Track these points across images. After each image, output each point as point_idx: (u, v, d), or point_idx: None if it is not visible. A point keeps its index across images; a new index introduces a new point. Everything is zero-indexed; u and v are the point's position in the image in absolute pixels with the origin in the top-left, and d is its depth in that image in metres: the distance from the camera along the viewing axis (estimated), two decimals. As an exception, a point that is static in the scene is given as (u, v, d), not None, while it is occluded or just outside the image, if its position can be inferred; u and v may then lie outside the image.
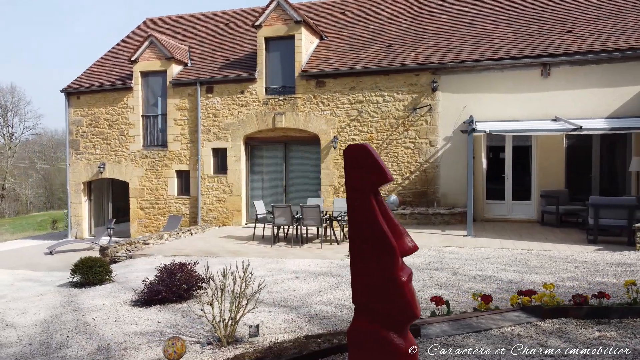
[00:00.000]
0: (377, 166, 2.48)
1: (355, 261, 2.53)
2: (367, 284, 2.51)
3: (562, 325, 3.93)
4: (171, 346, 3.92)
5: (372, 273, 2.48)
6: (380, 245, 2.47)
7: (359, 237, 2.52)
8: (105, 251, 11.50)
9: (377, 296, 2.48)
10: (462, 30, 14.97)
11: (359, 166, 2.50)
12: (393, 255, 2.47)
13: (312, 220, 11.58)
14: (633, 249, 8.79)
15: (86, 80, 17.69)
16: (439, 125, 13.80)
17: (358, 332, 2.50)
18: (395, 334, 2.48)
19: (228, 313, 5.42)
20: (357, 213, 2.51)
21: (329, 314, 6.03)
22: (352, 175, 2.53)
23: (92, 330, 6.02)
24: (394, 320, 2.48)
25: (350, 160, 2.53)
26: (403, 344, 2.47)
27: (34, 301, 7.77)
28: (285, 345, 4.21)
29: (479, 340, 3.59)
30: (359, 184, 2.51)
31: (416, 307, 2.47)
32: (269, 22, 15.23)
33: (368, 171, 2.48)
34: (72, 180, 17.41)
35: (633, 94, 12.48)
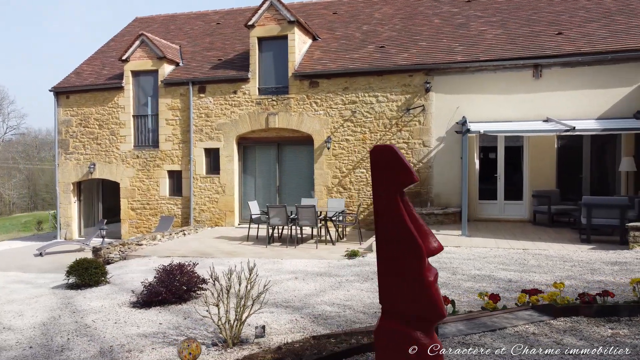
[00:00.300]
0: (403, 167, 2.49)
1: (382, 261, 2.54)
2: (394, 284, 2.52)
3: (575, 323, 3.99)
4: (186, 347, 3.89)
5: (399, 273, 2.49)
6: (407, 245, 2.48)
7: (386, 238, 2.52)
8: (99, 252, 11.37)
9: (404, 296, 2.49)
10: (454, 32, 15.08)
11: (386, 167, 2.51)
12: (420, 256, 2.48)
13: (307, 221, 11.58)
14: (626, 248, 8.92)
15: (76, 79, 17.47)
16: (432, 126, 13.88)
17: (385, 332, 2.51)
18: (422, 334, 2.49)
19: (233, 314, 5.40)
20: (384, 213, 2.52)
21: (332, 314, 6.03)
22: (379, 175, 2.54)
23: (92, 333, 5.96)
24: (421, 320, 2.50)
25: (377, 160, 2.54)
26: (430, 343, 2.49)
27: (29, 303, 7.66)
28: (296, 346, 4.20)
29: (495, 339, 3.62)
30: (386, 185, 2.51)
31: (443, 307, 2.48)
32: (262, 22, 15.19)
33: (395, 172, 2.49)
34: (62, 181, 17.18)
35: (623, 96, 12.67)
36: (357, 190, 14.42)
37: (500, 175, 13.76)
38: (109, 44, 19.74)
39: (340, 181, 14.56)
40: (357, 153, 14.42)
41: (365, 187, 14.36)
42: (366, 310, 6.10)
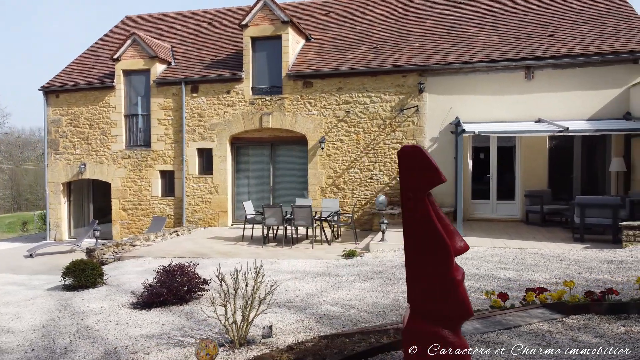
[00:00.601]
0: (431, 167, 2.51)
1: (411, 261, 2.56)
2: (423, 283, 2.55)
3: (587, 321, 4.06)
4: (204, 348, 3.88)
5: (428, 273, 2.52)
6: (436, 245, 2.51)
7: (415, 238, 2.55)
8: (92, 253, 11.25)
9: (434, 296, 2.52)
10: (447, 33, 15.19)
11: (414, 167, 2.54)
12: (448, 255, 2.51)
13: (303, 221, 11.58)
14: (619, 247, 9.07)
15: (65, 78, 17.26)
16: (425, 126, 13.97)
17: (414, 331, 2.53)
18: (451, 333, 2.52)
19: (240, 314, 5.39)
20: (412, 213, 2.54)
21: (337, 314, 6.04)
22: (407, 176, 2.56)
23: (95, 334, 5.90)
24: (450, 319, 2.53)
25: (405, 161, 2.56)
26: (458, 342, 2.52)
27: (26, 305, 7.55)
28: (308, 346, 4.21)
29: (512, 337, 3.67)
30: (414, 185, 2.54)
31: (470, 306, 2.51)
32: (255, 22, 15.16)
33: (423, 172, 2.52)
34: (51, 181, 16.96)
35: (612, 97, 12.89)
36: (351, 190, 14.46)
37: (492, 175, 13.89)
38: (98, 43, 19.53)
39: (334, 181, 14.58)
40: (351, 153, 14.45)
41: (359, 187, 14.40)
42: (370, 310, 6.12)
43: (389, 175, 14.19)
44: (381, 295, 6.74)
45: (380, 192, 14.22)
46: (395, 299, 6.55)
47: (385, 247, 10.05)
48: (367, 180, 14.35)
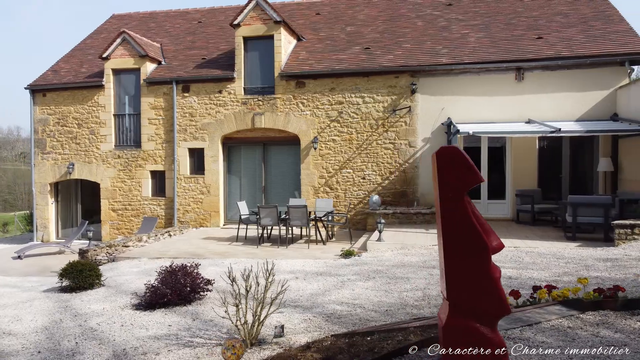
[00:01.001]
0: (470, 167, 2.57)
1: (449, 260, 2.62)
2: (462, 281, 2.60)
3: (603, 317, 4.17)
4: (230, 347, 3.88)
5: (467, 271, 2.57)
6: (474, 243, 2.56)
7: (453, 236, 2.60)
8: (86, 254, 11.12)
9: (473, 293, 2.58)
10: (437, 34, 15.35)
11: (453, 167, 2.59)
12: (486, 253, 2.57)
13: (298, 221, 11.60)
14: (612, 245, 9.28)
15: (53, 77, 17.00)
16: (417, 127, 14.10)
17: (453, 328, 2.58)
18: (489, 330, 2.58)
19: (250, 314, 5.39)
20: (452, 213, 2.59)
21: (344, 313, 6.09)
22: (446, 176, 2.61)
23: (100, 336, 5.85)
24: (488, 316, 2.58)
25: (444, 162, 2.61)
26: (497, 338, 2.58)
27: (24, 307, 7.44)
28: (326, 345, 4.23)
29: (536, 333, 3.75)
30: (453, 185, 2.59)
31: (508, 303, 2.58)
32: (247, 22, 15.12)
33: (462, 172, 2.57)
34: (38, 182, 16.69)
35: (600, 99, 13.16)
36: (344, 190, 14.52)
37: (483, 175, 14.08)
38: (85, 41, 19.27)
39: (326, 181, 14.63)
40: (343, 153, 14.51)
41: (351, 187, 14.47)
42: (376, 308, 6.17)
43: (382, 175, 14.29)
44: (385, 294, 6.80)
45: (373, 192, 14.30)
46: (400, 297, 6.62)
47: (383, 246, 10.12)
48: (360, 180, 14.42)
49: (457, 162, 2.60)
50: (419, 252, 9.56)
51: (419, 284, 7.24)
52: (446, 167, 2.62)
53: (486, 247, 2.58)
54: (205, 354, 5.04)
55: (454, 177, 2.61)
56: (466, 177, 2.59)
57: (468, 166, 2.59)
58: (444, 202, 2.62)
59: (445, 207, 2.62)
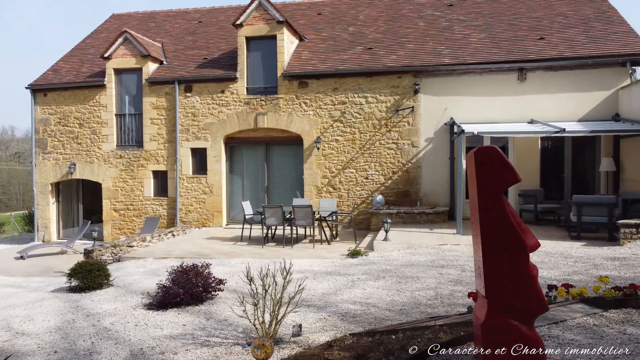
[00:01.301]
0: (508, 167, 2.61)
1: (488, 258, 2.65)
2: (501, 279, 2.64)
3: (627, 315, 4.21)
4: (260, 346, 3.90)
5: (506, 269, 2.60)
6: (513, 242, 2.60)
7: (492, 235, 2.63)
8: (91, 254, 11.09)
9: (512, 291, 2.61)
10: (439, 35, 15.41)
11: (492, 167, 2.62)
12: (525, 252, 2.60)
13: (303, 221, 11.61)
14: (617, 244, 9.35)
15: (53, 76, 16.94)
16: (420, 127, 14.15)
17: (492, 326, 2.61)
18: (527, 328, 2.62)
19: (267, 313, 5.40)
20: (490, 212, 2.63)
21: (358, 312, 6.11)
22: (485, 175, 2.64)
23: (115, 336, 5.84)
24: (527, 314, 2.62)
25: (482, 161, 2.65)
26: (534, 335, 2.61)
27: (34, 307, 7.42)
28: (347, 343, 4.25)
29: (564, 330, 3.79)
30: (491, 185, 2.63)
31: (546, 301, 2.61)
32: (250, 22, 15.12)
33: (500, 172, 2.61)
34: (39, 182, 16.62)
35: (602, 99, 13.26)
36: (347, 190, 14.55)
37: (486, 175, 14.13)
38: (85, 41, 19.21)
39: (329, 181, 14.65)
40: (346, 153, 14.54)
41: (354, 187, 14.50)
42: (390, 307, 6.20)
43: (385, 175, 14.33)
44: (397, 294, 6.83)
45: (376, 192, 14.34)
46: (412, 296, 6.65)
47: (389, 246, 10.16)
48: (363, 180, 14.46)
49: (495, 162, 2.64)
50: (426, 252, 9.60)
51: (430, 283, 7.27)
52: (485, 166, 2.65)
53: (524, 245, 2.62)
54: (223, 353, 5.05)
55: (493, 176, 2.64)
56: (504, 176, 2.62)
57: (506, 165, 2.63)
58: (483, 202, 2.65)
59: (483, 207, 2.65)
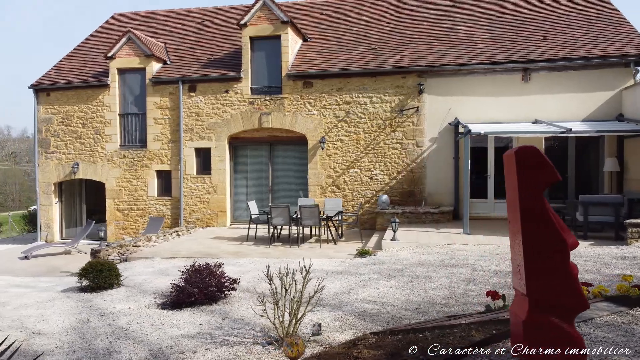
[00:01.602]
0: (549, 166, 2.64)
1: (530, 256, 2.68)
2: (542, 277, 2.67)
3: None
4: (293, 345, 3.92)
5: (547, 267, 2.63)
6: (555, 240, 2.63)
7: (534, 234, 2.66)
8: (98, 254, 11.07)
9: (554, 289, 2.64)
10: (443, 35, 15.45)
11: (532, 166, 2.66)
12: (566, 250, 2.64)
13: (310, 220, 11.63)
14: (624, 244, 9.42)
15: (56, 76, 16.89)
16: (425, 127, 14.19)
17: (534, 324, 2.64)
18: (568, 325, 2.65)
19: (287, 313, 5.41)
20: (531, 211, 2.66)
21: (374, 311, 6.13)
22: (525, 175, 2.68)
23: (132, 335, 5.85)
24: (568, 312, 2.65)
25: (523, 161, 2.68)
26: (575, 332, 2.64)
27: (46, 307, 7.41)
28: (371, 341, 4.28)
29: (594, 328, 3.83)
30: (532, 184, 2.66)
31: (586, 299, 2.65)
32: (254, 22, 15.13)
33: (541, 171, 2.64)
34: (42, 181, 16.57)
35: (605, 99, 13.33)
36: (351, 190, 14.58)
37: (490, 175, 14.20)
38: (88, 41, 19.17)
39: (334, 181, 14.68)
40: (351, 153, 14.57)
41: (359, 187, 14.53)
42: (406, 307, 6.23)
43: (389, 175, 14.36)
44: (411, 293, 6.86)
45: (381, 191, 14.37)
46: (426, 295, 6.68)
47: (398, 245, 10.19)
48: (368, 180, 14.49)
49: (536, 161, 2.67)
50: (434, 251, 9.64)
51: (442, 282, 7.30)
52: (526, 166, 2.68)
53: (565, 243, 2.65)
54: (244, 352, 5.07)
55: (534, 175, 2.67)
56: (545, 176, 2.66)
57: (547, 165, 2.66)
58: (524, 201, 2.68)
59: (524, 205, 2.68)
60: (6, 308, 7.54)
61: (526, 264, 2.66)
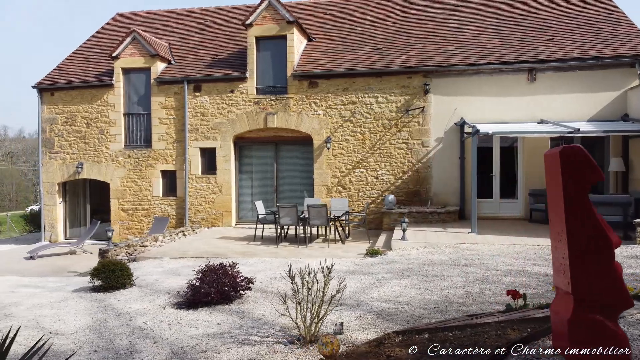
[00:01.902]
0: (593, 165, 2.67)
1: (575, 255, 2.70)
2: (588, 276, 2.69)
3: None
4: (329, 344, 3.93)
5: (593, 265, 2.66)
6: (600, 238, 2.65)
7: (579, 233, 2.69)
8: (106, 254, 11.05)
9: (599, 287, 2.66)
10: (448, 35, 15.49)
11: (578, 166, 2.68)
12: (611, 248, 2.66)
13: (318, 220, 11.63)
14: (633, 243, 9.47)
15: (59, 76, 16.85)
16: (430, 127, 14.22)
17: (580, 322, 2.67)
18: (613, 323, 2.67)
19: (308, 312, 5.42)
20: (576, 210, 2.68)
21: (392, 310, 6.14)
22: (571, 174, 2.70)
23: (152, 335, 5.84)
24: (612, 310, 2.67)
25: (569, 161, 2.70)
26: (619, 330, 2.67)
27: (60, 307, 7.39)
28: (398, 340, 4.29)
29: (627, 327, 3.85)
30: (577, 183, 2.68)
31: (630, 297, 2.67)
32: (259, 22, 15.13)
33: (585, 170, 2.67)
34: (46, 181, 16.52)
35: (611, 99, 13.40)
36: (357, 190, 14.60)
37: (496, 175, 14.24)
38: (91, 40, 19.12)
39: (339, 181, 14.69)
40: (356, 153, 14.59)
41: (365, 187, 14.55)
42: (423, 306, 6.24)
43: (395, 175, 14.39)
44: (426, 292, 6.88)
45: (386, 191, 14.39)
46: (442, 295, 6.70)
47: (408, 245, 10.21)
48: (373, 180, 14.51)
49: (581, 161, 2.69)
50: (445, 251, 9.66)
51: (457, 281, 7.33)
52: (571, 165, 2.71)
53: (610, 241, 2.67)
54: (267, 351, 5.07)
55: (579, 174, 2.70)
56: (589, 175, 2.68)
57: (591, 164, 2.69)
58: (569, 200, 2.70)
59: (569, 204, 2.70)
60: (19, 308, 7.52)
61: (571, 263, 2.68)
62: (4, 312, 7.24)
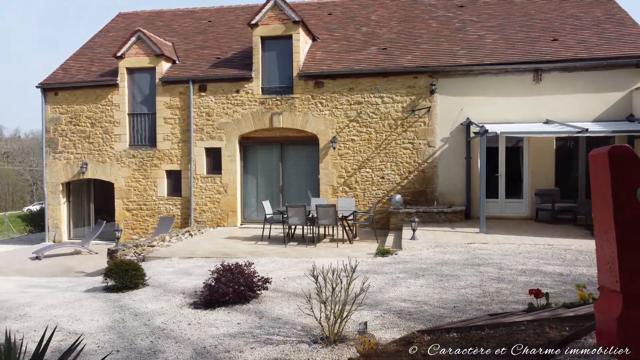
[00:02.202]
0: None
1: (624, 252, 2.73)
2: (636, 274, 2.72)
3: None
4: (366, 343, 3.94)
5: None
6: (649, 237, 2.68)
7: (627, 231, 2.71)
8: (115, 254, 11.02)
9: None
10: (453, 36, 15.53)
11: (626, 166, 2.71)
12: (660, 246, 2.69)
13: (326, 220, 11.64)
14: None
15: (63, 75, 16.79)
16: (436, 127, 14.25)
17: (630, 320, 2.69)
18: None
19: (331, 312, 5.42)
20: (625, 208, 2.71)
21: (412, 309, 6.16)
22: (619, 173, 2.73)
23: (172, 335, 5.84)
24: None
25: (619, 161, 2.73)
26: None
27: (74, 307, 7.37)
28: (426, 339, 4.30)
29: None
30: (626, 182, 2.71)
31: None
32: (265, 22, 15.13)
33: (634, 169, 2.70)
34: (50, 181, 16.46)
35: (616, 100, 13.46)
36: (363, 189, 14.62)
37: (501, 175, 14.28)
38: (94, 40, 19.07)
39: (345, 181, 14.71)
40: (362, 153, 14.61)
41: (370, 187, 14.57)
42: (442, 305, 6.26)
43: (401, 175, 14.42)
44: (443, 292, 6.90)
45: (392, 191, 14.42)
46: (459, 294, 6.72)
47: (418, 245, 10.23)
48: (379, 179, 14.53)
49: (630, 161, 2.72)
50: (456, 250, 9.69)
51: (472, 281, 7.35)
52: (620, 165, 2.73)
53: (659, 240, 2.70)
54: (291, 351, 5.07)
55: (627, 174, 2.72)
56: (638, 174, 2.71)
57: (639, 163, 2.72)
58: (617, 199, 2.73)
59: (618, 203, 2.73)
60: (33, 308, 7.49)
61: (620, 261, 2.71)
62: (19, 313, 7.21)
